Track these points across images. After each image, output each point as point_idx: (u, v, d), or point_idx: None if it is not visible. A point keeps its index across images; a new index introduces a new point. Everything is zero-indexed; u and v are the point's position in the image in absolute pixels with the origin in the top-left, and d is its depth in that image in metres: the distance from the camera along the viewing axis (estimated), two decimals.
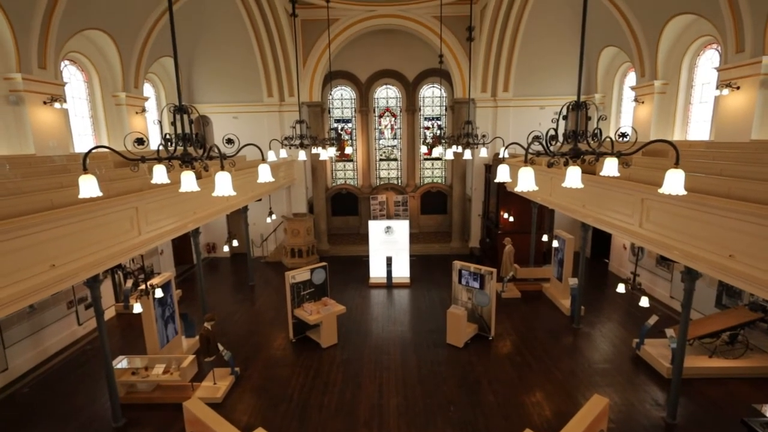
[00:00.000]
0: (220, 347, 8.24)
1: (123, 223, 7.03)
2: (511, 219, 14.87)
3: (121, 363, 8.26)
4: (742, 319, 8.62)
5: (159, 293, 8.56)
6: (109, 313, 11.80)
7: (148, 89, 15.25)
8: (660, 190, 3.06)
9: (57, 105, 10.48)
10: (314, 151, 8.54)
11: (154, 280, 9.07)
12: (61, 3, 9.86)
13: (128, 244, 7.13)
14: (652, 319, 9.08)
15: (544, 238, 14.07)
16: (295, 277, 10.34)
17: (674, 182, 2.93)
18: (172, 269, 15.09)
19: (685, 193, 3.06)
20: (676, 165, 2.92)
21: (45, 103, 10.22)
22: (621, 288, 9.25)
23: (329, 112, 20.51)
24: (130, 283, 12.15)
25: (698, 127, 12.44)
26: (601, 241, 15.65)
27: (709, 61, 11.92)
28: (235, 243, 13.32)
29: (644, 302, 8.65)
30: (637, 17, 12.45)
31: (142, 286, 8.22)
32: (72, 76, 12.27)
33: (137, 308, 8.21)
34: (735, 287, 8.61)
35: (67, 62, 11.94)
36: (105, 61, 12.88)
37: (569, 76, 16.18)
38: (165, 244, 14.55)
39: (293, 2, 8.20)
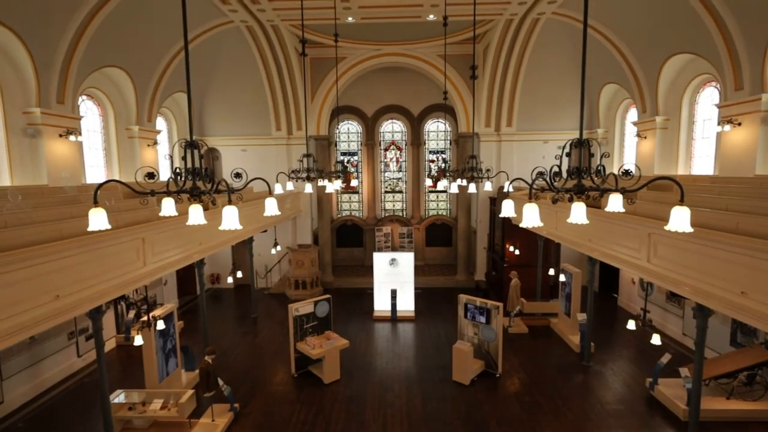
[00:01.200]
0: (220, 382, 8.05)
1: (129, 254, 7.07)
2: (517, 252, 14.76)
3: (119, 397, 8.07)
4: (758, 359, 8.33)
5: (161, 325, 8.47)
6: (110, 345, 11.64)
7: (160, 122, 15.71)
8: (666, 227, 3.05)
9: (72, 138, 10.80)
10: (320, 183, 8.65)
11: (157, 312, 9.00)
12: (83, 42, 10.37)
13: (133, 274, 7.14)
14: (665, 358, 8.79)
15: (551, 271, 13.90)
16: (299, 309, 10.22)
17: (680, 220, 2.93)
18: (175, 300, 15.00)
19: (691, 230, 3.05)
20: (681, 202, 2.92)
21: (61, 135, 10.54)
22: (631, 324, 9.02)
23: (336, 145, 20.93)
24: (132, 314, 12.08)
25: (702, 162, 12.50)
26: (609, 275, 15.42)
27: (709, 98, 12.12)
28: (239, 274, 13.28)
29: (656, 340, 8.41)
30: (636, 57, 12.80)
31: (144, 318, 8.16)
32: (88, 110, 12.71)
33: (138, 340, 8.11)
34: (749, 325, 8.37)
35: (84, 97, 12.40)
36: (121, 96, 13.37)
37: (571, 111, 16.50)
38: (169, 275, 14.52)
39: (303, 43, 8.57)
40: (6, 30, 8.80)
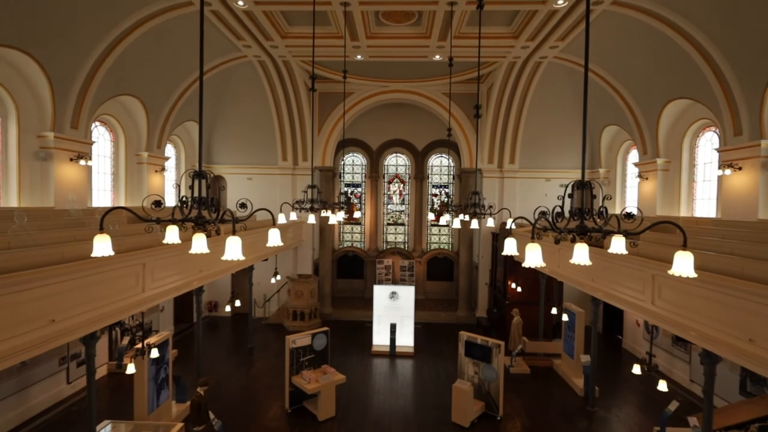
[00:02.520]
0: (211, 415, 7.79)
1: (129, 279, 7.03)
2: (519, 289, 14.58)
3: (105, 429, 7.79)
4: None
5: (155, 353, 8.30)
6: (101, 372, 11.37)
7: (168, 149, 16.03)
8: (670, 272, 3.03)
9: (82, 162, 11.01)
10: (324, 214, 8.71)
11: (151, 339, 8.84)
12: (101, 71, 10.76)
13: (132, 300, 7.07)
14: (673, 405, 8.46)
15: (554, 310, 13.67)
16: (296, 341, 10.02)
17: (683, 265, 2.91)
18: (171, 327, 14.75)
19: (695, 275, 3.03)
20: (685, 247, 2.92)
21: (71, 159, 10.76)
22: (637, 369, 8.76)
23: (341, 177, 21.18)
24: (126, 340, 11.85)
25: (704, 204, 12.54)
26: (613, 315, 15.14)
27: (709, 142, 12.31)
28: (237, 303, 13.12)
29: (662, 386, 8.14)
30: (636, 100, 13.13)
31: (139, 345, 8.00)
32: (100, 136, 13.02)
33: (130, 369, 7.92)
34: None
35: (97, 123, 12.73)
36: (133, 123, 13.72)
37: (573, 150, 16.75)
38: (167, 301, 14.36)
39: (313, 79, 8.88)
40: (28, 58, 9.16)
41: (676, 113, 12.51)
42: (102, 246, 3.35)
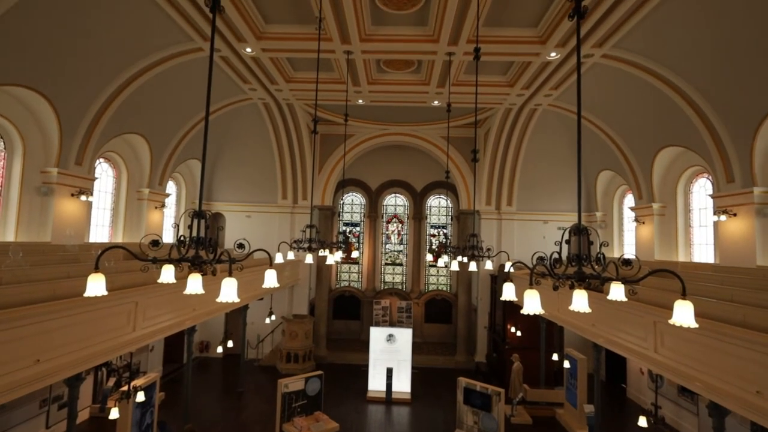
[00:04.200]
0: None
1: (119, 318, 6.88)
2: (519, 333, 14.26)
3: None
4: None
5: (140, 397, 7.97)
6: (83, 416, 10.84)
7: (170, 185, 16.19)
8: (670, 321, 2.99)
9: (83, 197, 11.07)
10: (321, 253, 8.68)
11: (138, 381, 8.52)
12: (109, 110, 11.06)
13: (121, 340, 6.88)
14: None
15: (555, 356, 13.30)
16: (288, 386, 9.67)
17: (683, 314, 2.88)
18: (159, 368, 14.25)
19: (696, 325, 2.98)
20: (684, 296, 2.90)
21: (72, 195, 10.83)
22: (642, 421, 8.42)
23: (339, 216, 21.28)
24: (112, 382, 11.40)
25: (702, 249, 12.55)
26: (616, 362, 14.72)
27: (702, 188, 12.52)
28: (229, 344, 12.76)
29: None
30: (629, 147, 13.47)
31: (124, 387, 7.70)
32: (103, 172, 13.19)
33: (114, 414, 7.58)
34: None
35: (101, 159, 12.93)
36: (136, 160, 13.95)
37: (570, 193, 16.98)
38: (157, 341, 13.96)
39: (315, 122, 9.16)
40: (40, 96, 9.45)
41: (669, 159, 12.78)
42: (95, 286, 3.31)
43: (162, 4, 8.99)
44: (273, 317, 15.04)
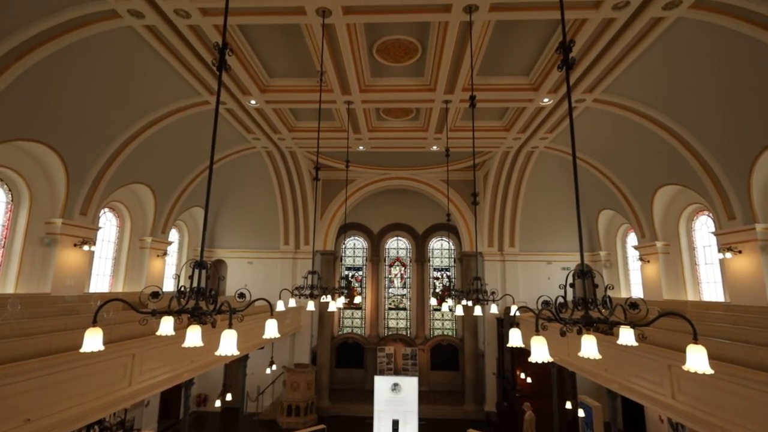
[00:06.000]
0: None
1: (115, 372, 6.66)
2: (529, 380, 13.70)
3: None
4: None
5: None
6: None
7: (172, 233, 16.26)
8: (684, 367, 2.88)
9: (86, 247, 11.10)
10: (323, 299, 8.54)
11: None
12: (116, 162, 11.34)
13: (116, 395, 6.62)
14: None
15: (568, 404, 12.68)
16: None
17: (697, 360, 2.77)
18: (154, 424, 13.61)
19: (711, 371, 2.87)
20: (696, 341, 2.81)
21: (75, 245, 10.86)
22: None
23: (341, 260, 21.18)
24: None
25: (711, 288, 12.29)
26: (633, 409, 13.97)
27: (704, 225, 12.47)
28: (228, 397, 12.25)
29: None
30: (628, 186, 13.57)
31: None
32: (107, 221, 13.30)
33: None
34: None
35: (106, 209, 13.09)
36: (140, 209, 14.11)
37: (572, 233, 16.91)
38: (153, 396, 13.44)
39: (317, 169, 9.37)
40: (51, 151, 9.73)
41: (668, 197, 12.81)
42: (93, 340, 3.24)
43: (173, 63, 9.48)
44: (274, 367, 14.56)
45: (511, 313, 6.61)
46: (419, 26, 8.44)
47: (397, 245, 21.65)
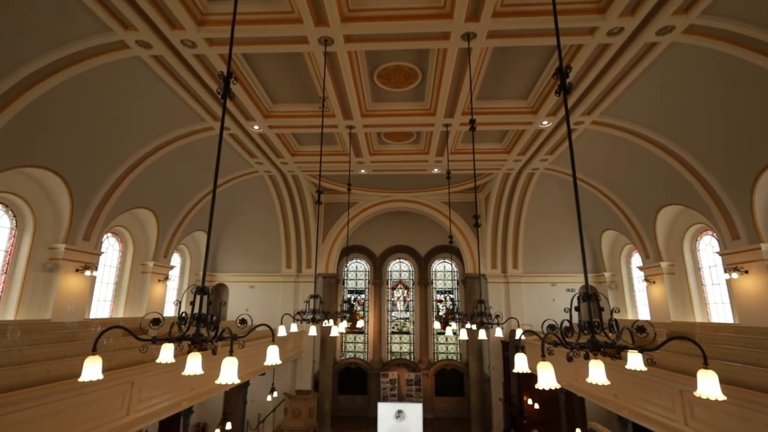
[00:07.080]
0: None
1: (113, 400, 6.53)
2: (537, 406, 13.33)
3: None
4: None
5: None
6: None
7: (174, 258, 16.22)
8: (696, 393, 2.80)
9: (87, 272, 11.07)
10: (325, 324, 8.43)
11: None
12: (120, 188, 11.44)
13: (113, 425, 6.47)
14: None
15: (578, 431, 12.28)
16: None
17: (708, 386, 2.70)
18: None
19: (724, 397, 2.79)
20: (706, 365, 2.74)
21: (77, 270, 10.84)
22: None
23: (344, 283, 21.02)
24: None
25: (719, 309, 12.08)
26: None
27: (708, 245, 12.36)
28: (228, 425, 11.95)
29: None
30: (629, 207, 13.54)
31: None
32: (110, 246, 13.31)
33: None
34: None
35: (108, 234, 13.12)
36: (143, 234, 14.13)
37: (575, 254, 16.77)
38: (151, 425, 13.10)
39: (319, 193, 9.45)
40: (56, 176, 9.84)
41: (671, 217, 12.75)
42: (92, 369, 3.19)
43: (178, 91, 9.69)
44: (275, 394, 14.23)
45: (516, 337, 6.51)
46: (419, 53, 8.65)
47: (400, 267, 21.52)
